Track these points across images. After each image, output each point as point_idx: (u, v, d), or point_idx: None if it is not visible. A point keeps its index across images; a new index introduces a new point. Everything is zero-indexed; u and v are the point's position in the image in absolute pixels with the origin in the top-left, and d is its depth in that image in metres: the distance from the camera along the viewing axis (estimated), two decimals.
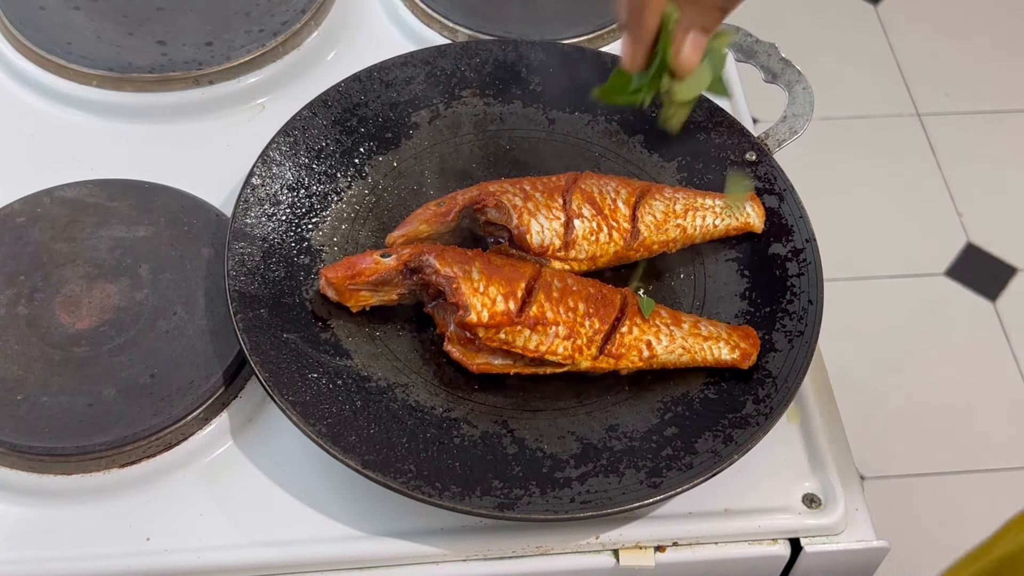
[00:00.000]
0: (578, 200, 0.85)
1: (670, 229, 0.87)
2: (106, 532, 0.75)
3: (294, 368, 0.77)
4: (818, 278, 0.84)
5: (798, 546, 0.77)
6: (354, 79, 0.94)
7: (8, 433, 0.76)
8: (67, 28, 1.02)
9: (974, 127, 2.28)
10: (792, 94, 0.93)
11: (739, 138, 0.94)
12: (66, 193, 0.89)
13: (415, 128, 0.95)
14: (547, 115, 0.97)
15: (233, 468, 0.78)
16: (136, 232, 0.88)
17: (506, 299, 0.78)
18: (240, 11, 1.05)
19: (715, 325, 0.82)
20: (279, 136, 0.89)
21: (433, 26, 1.07)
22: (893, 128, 2.28)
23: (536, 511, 0.72)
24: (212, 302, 0.83)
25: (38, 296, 0.83)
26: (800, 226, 0.88)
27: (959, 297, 2.02)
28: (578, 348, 0.79)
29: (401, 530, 0.75)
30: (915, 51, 2.41)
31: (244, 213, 0.84)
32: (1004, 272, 2.06)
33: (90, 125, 0.98)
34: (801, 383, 0.79)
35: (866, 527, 0.78)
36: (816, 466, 0.80)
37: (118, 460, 0.76)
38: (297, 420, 0.74)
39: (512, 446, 0.77)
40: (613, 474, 0.75)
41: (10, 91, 1.01)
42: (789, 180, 0.91)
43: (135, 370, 0.79)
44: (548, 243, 0.84)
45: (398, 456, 0.74)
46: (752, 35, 0.94)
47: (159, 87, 0.99)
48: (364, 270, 0.80)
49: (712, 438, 0.76)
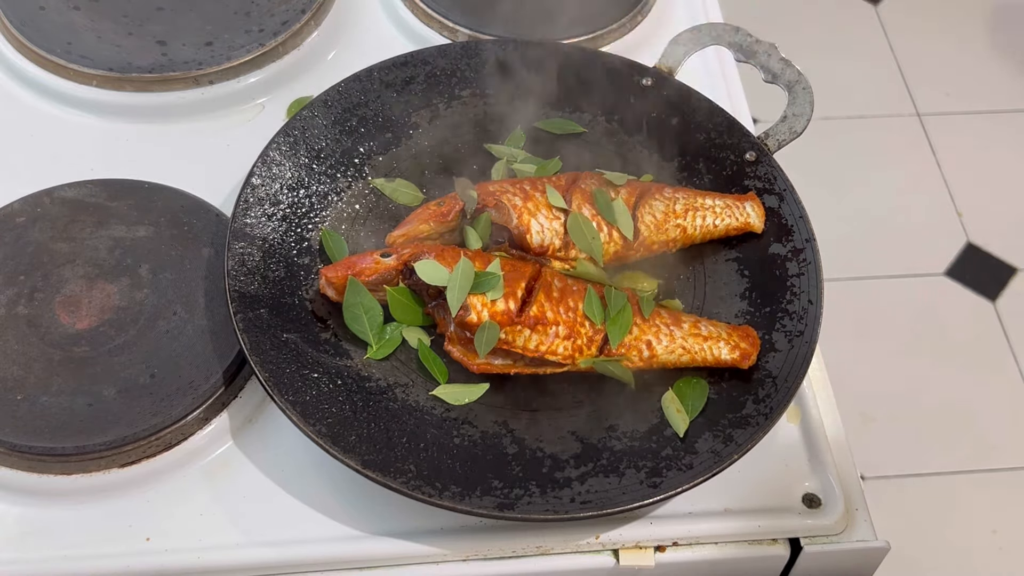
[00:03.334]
0: (578, 200, 0.85)
1: (670, 229, 0.87)
2: (106, 532, 0.75)
3: (294, 368, 0.77)
4: (818, 278, 0.84)
5: (798, 546, 0.77)
6: (354, 79, 0.94)
7: (8, 433, 0.76)
8: (67, 28, 1.02)
9: (974, 127, 2.28)
10: (792, 94, 0.93)
11: (739, 138, 0.94)
12: (66, 193, 0.89)
13: (415, 128, 0.95)
14: (547, 115, 0.97)
15: (233, 468, 0.78)
16: (136, 232, 0.88)
17: (506, 299, 0.78)
18: (240, 11, 1.05)
19: (715, 325, 0.82)
20: (279, 136, 0.89)
21: (433, 26, 1.07)
22: (893, 128, 2.28)
23: (536, 511, 0.72)
24: (212, 302, 0.83)
25: (38, 296, 0.83)
26: (800, 226, 0.88)
27: (959, 297, 2.02)
28: (578, 348, 0.79)
29: (401, 530, 0.75)
30: (915, 51, 2.41)
31: (244, 213, 0.84)
32: (1004, 272, 2.06)
33: (90, 125, 0.98)
34: (801, 383, 0.79)
35: (866, 527, 0.78)
36: (816, 466, 0.80)
37: (118, 460, 0.76)
38: (297, 420, 0.74)
39: (512, 446, 0.77)
40: (613, 474, 0.75)
41: (10, 91, 1.01)
42: (789, 180, 0.91)
43: (135, 370, 0.79)
44: (548, 243, 0.84)
45: (398, 456, 0.74)
46: (752, 35, 0.94)
47: (159, 87, 0.99)
48: (364, 270, 0.80)
49: (712, 438, 0.76)
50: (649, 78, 0.97)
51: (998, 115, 2.30)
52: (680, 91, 0.96)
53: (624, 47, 1.06)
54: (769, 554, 0.78)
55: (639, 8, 1.09)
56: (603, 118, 0.97)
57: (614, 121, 0.97)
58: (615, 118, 0.97)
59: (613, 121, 0.97)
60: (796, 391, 0.78)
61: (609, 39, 1.07)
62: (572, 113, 0.97)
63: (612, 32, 1.07)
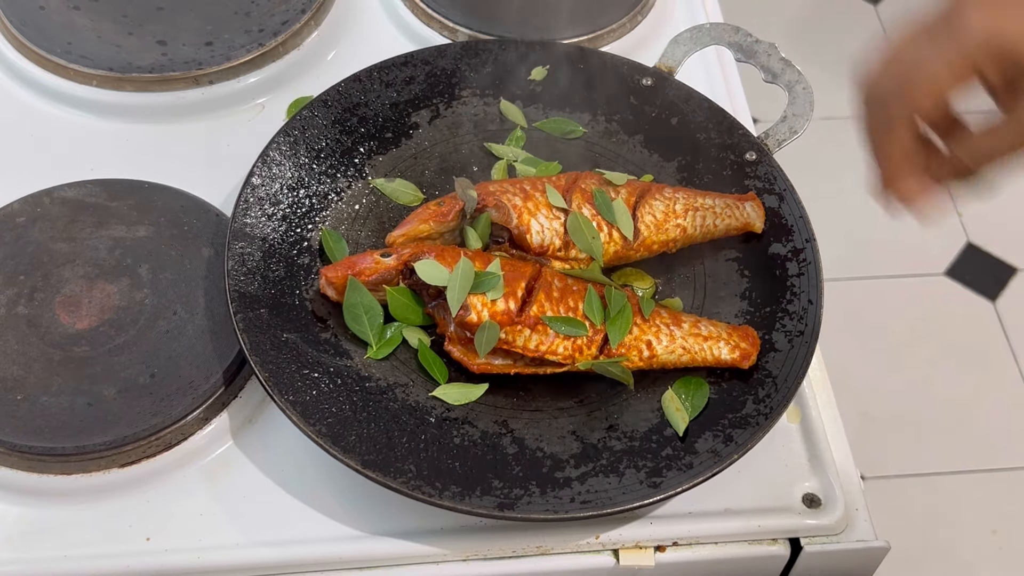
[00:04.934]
0: (578, 200, 0.85)
1: (670, 229, 0.87)
2: (106, 532, 0.75)
3: (294, 368, 0.77)
4: (818, 278, 0.84)
5: (798, 546, 0.77)
6: (354, 79, 0.94)
7: (8, 433, 0.76)
8: (67, 28, 1.02)
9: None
10: (792, 94, 0.93)
11: (739, 138, 0.94)
12: (66, 193, 0.89)
13: (415, 128, 0.95)
14: (547, 115, 0.97)
15: (233, 468, 0.78)
16: (136, 232, 0.88)
17: (506, 299, 0.78)
18: (240, 11, 1.05)
19: (715, 325, 0.82)
20: (279, 136, 0.89)
21: (433, 26, 1.07)
22: None
23: (536, 511, 0.72)
24: (212, 302, 0.83)
25: (38, 296, 0.83)
26: (800, 226, 0.88)
27: (959, 297, 2.02)
28: (578, 348, 0.79)
29: (401, 530, 0.75)
30: None
31: (244, 213, 0.84)
32: (1004, 272, 2.06)
33: (90, 125, 0.98)
34: (801, 383, 0.79)
35: (866, 527, 0.78)
36: (816, 466, 0.80)
37: (118, 460, 0.76)
38: (297, 420, 0.74)
39: (512, 446, 0.77)
40: (613, 474, 0.75)
41: (10, 91, 1.01)
42: (789, 180, 0.91)
43: (135, 370, 0.79)
44: (548, 243, 0.84)
45: (398, 456, 0.74)
46: (752, 35, 0.94)
47: (159, 87, 0.99)
48: (364, 270, 0.80)
49: (712, 438, 0.76)
50: (649, 78, 0.97)
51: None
52: (680, 91, 0.96)
53: (624, 47, 1.06)
54: (769, 554, 0.78)
55: (639, 8, 1.09)
56: (603, 118, 0.97)
57: (614, 121, 0.97)
58: (615, 118, 0.97)
59: (613, 121, 0.97)
60: (796, 391, 0.78)
61: (609, 39, 1.07)
62: (572, 113, 0.97)
63: (612, 32, 1.07)
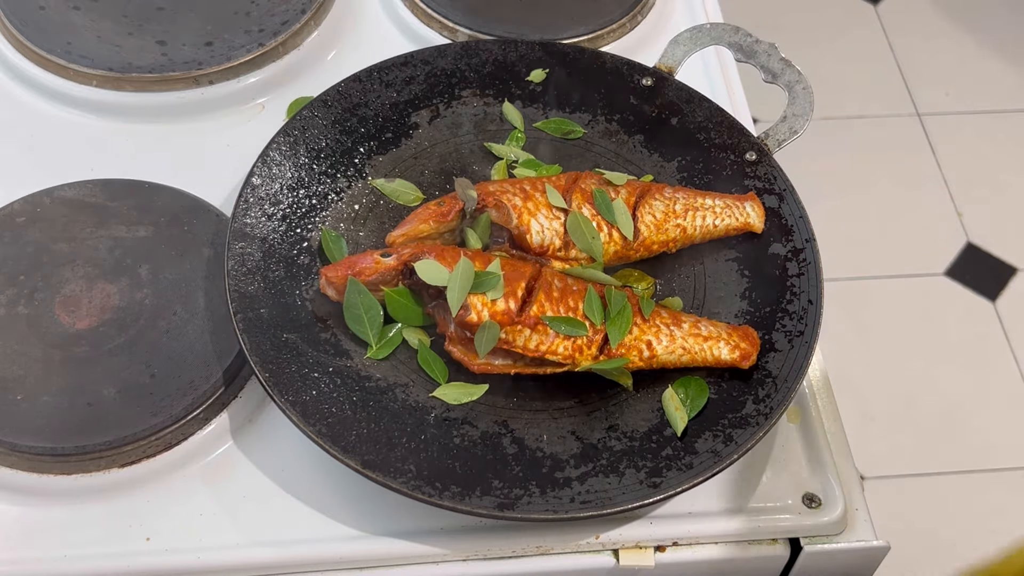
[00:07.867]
0: (578, 200, 0.85)
1: (670, 229, 0.87)
2: (106, 532, 0.75)
3: (294, 368, 0.77)
4: (818, 278, 0.84)
5: (798, 546, 0.77)
6: (354, 79, 0.94)
7: (8, 433, 0.76)
8: (67, 28, 1.02)
9: (974, 127, 2.28)
10: (792, 94, 0.93)
11: (739, 138, 0.94)
12: (66, 193, 0.89)
13: (415, 128, 0.95)
14: (547, 115, 0.97)
15: (233, 468, 0.78)
16: (136, 232, 0.88)
17: (506, 299, 0.78)
18: (240, 11, 1.05)
19: (715, 325, 0.82)
20: (279, 136, 0.89)
21: (433, 26, 1.07)
22: (893, 128, 2.28)
23: (536, 511, 0.72)
24: (212, 302, 0.83)
25: (38, 296, 0.83)
26: (800, 226, 0.88)
27: (959, 297, 2.02)
28: (578, 348, 0.79)
29: (401, 530, 0.75)
30: (915, 51, 2.41)
31: (244, 213, 0.84)
32: (1004, 272, 2.06)
33: (90, 125, 0.98)
34: (801, 383, 0.79)
35: (866, 527, 0.78)
36: (816, 466, 0.80)
37: (118, 460, 0.76)
38: (297, 420, 0.74)
39: (512, 446, 0.77)
40: (613, 474, 0.75)
41: (10, 91, 1.01)
42: (789, 180, 0.91)
43: (135, 370, 0.79)
44: (548, 243, 0.84)
45: (398, 456, 0.74)
46: (752, 35, 0.94)
47: (159, 87, 0.99)
48: (364, 269, 0.80)
49: (712, 438, 0.76)
50: (649, 78, 0.97)
51: (998, 115, 2.30)
52: (680, 91, 0.96)
53: (624, 47, 1.06)
54: (769, 554, 0.78)
55: (639, 8, 1.09)
56: (603, 118, 0.97)
57: (614, 121, 0.97)
58: (615, 118, 0.97)
59: (613, 121, 0.97)
60: (796, 391, 0.78)
61: (609, 39, 1.07)
62: (572, 113, 0.97)
63: (612, 32, 1.07)
